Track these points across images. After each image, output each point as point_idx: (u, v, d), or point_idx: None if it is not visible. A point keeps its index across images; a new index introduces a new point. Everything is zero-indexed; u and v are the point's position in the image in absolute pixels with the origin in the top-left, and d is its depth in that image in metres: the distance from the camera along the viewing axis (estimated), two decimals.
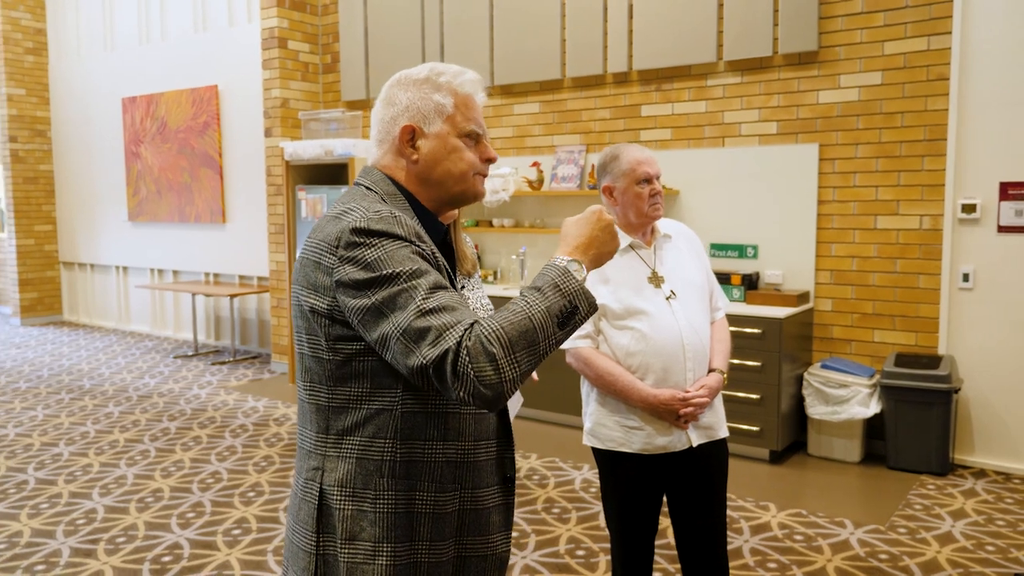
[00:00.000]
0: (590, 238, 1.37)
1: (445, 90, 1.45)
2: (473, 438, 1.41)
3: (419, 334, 1.20)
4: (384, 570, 1.33)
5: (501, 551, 1.46)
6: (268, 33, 6.85)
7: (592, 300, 1.29)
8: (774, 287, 4.98)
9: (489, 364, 1.17)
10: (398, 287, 1.24)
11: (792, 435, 4.71)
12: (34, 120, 9.73)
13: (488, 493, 1.44)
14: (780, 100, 4.94)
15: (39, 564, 3.35)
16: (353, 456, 1.35)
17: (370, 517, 1.34)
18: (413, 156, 1.44)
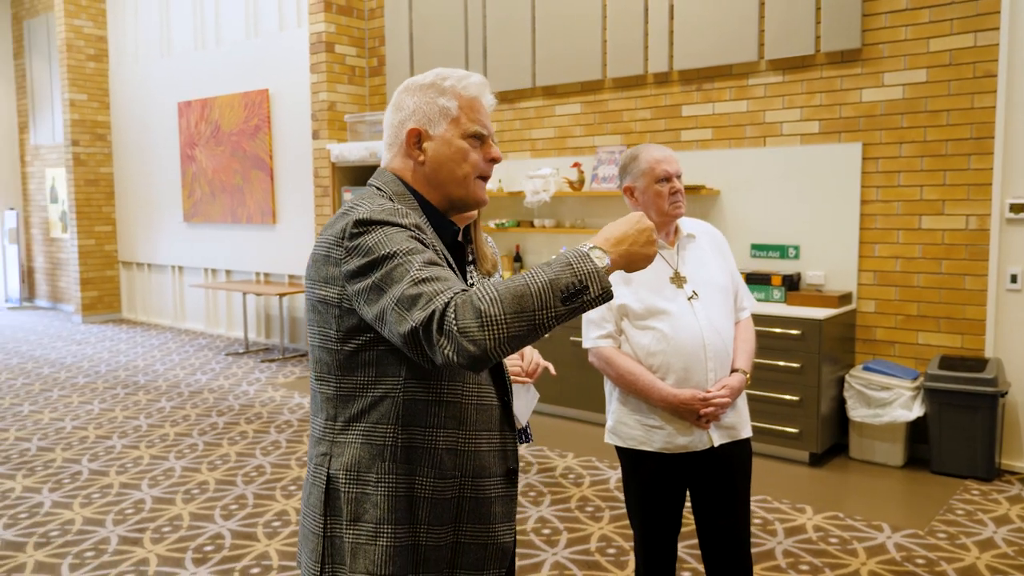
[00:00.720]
0: (624, 235, 1.36)
1: (450, 94, 1.51)
2: (474, 428, 1.46)
3: (412, 300, 1.25)
4: (385, 551, 1.39)
5: (503, 541, 1.49)
6: (316, 37, 7.01)
7: (607, 287, 1.28)
8: (816, 288, 4.92)
9: (475, 320, 1.20)
10: (394, 263, 1.30)
11: (833, 438, 4.65)
12: (95, 124, 10.09)
13: (490, 483, 1.48)
14: (822, 99, 4.87)
15: (88, 551, 3.50)
16: (358, 442, 1.41)
17: (373, 499, 1.40)
18: (420, 158, 1.50)
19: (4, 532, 3.70)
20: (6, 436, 5.23)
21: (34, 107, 11.22)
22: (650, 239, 1.38)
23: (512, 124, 6.36)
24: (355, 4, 7.16)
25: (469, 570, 1.46)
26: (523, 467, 4.53)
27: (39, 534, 3.67)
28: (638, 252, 1.37)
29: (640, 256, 1.38)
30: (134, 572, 3.29)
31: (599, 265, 1.28)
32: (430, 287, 1.25)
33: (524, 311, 1.22)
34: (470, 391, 1.46)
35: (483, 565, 1.47)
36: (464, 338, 1.20)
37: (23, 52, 11.36)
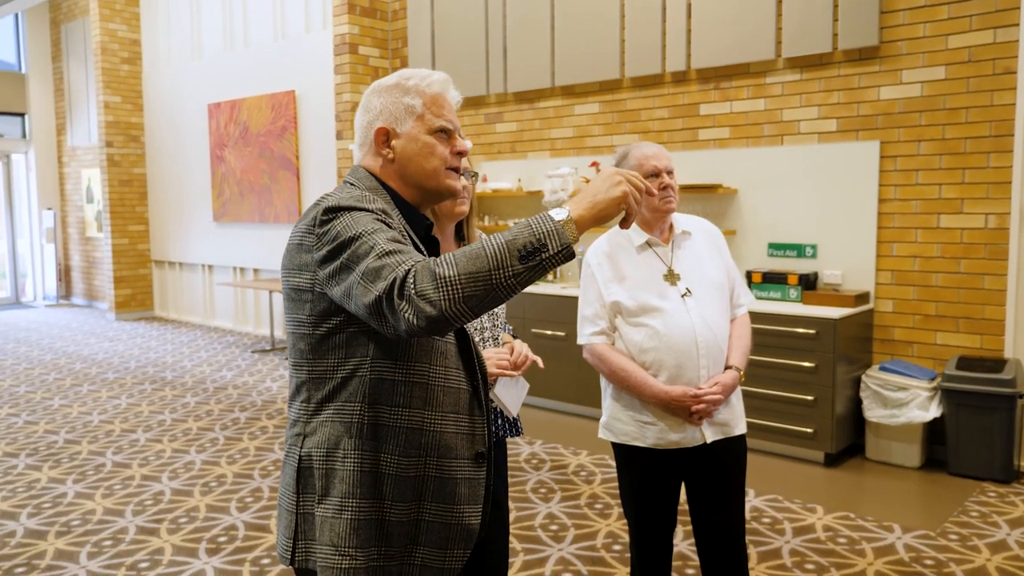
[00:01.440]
0: (588, 188, 1.38)
1: (414, 92, 1.57)
2: (441, 409, 1.50)
3: (376, 272, 1.31)
4: (349, 524, 1.44)
5: (468, 523, 1.53)
6: (340, 39, 7.10)
7: (567, 243, 1.29)
8: (833, 287, 4.88)
9: (431, 283, 1.25)
10: (360, 242, 1.35)
11: (849, 438, 4.61)
12: (129, 126, 10.31)
13: (456, 464, 1.52)
14: (840, 97, 4.84)
15: (107, 540, 3.60)
16: (330, 421, 1.47)
17: (340, 475, 1.46)
18: (389, 155, 1.57)
19: (28, 521, 3.81)
20: (36, 429, 5.38)
21: (71, 109, 11.50)
22: (615, 182, 1.37)
23: (532, 124, 6.39)
24: (378, 6, 7.24)
25: (432, 548, 1.49)
26: (535, 464, 4.56)
27: (61, 523, 3.78)
28: (603, 198, 1.36)
29: (605, 201, 1.36)
30: (148, 561, 3.38)
31: (556, 219, 1.30)
32: (393, 259, 1.31)
33: (480, 271, 1.26)
34: (437, 372, 1.50)
35: (446, 544, 1.50)
36: (422, 300, 1.25)
37: (61, 55, 11.65)
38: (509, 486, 4.18)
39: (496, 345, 2.25)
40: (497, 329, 2.27)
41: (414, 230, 1.56)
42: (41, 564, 3.36)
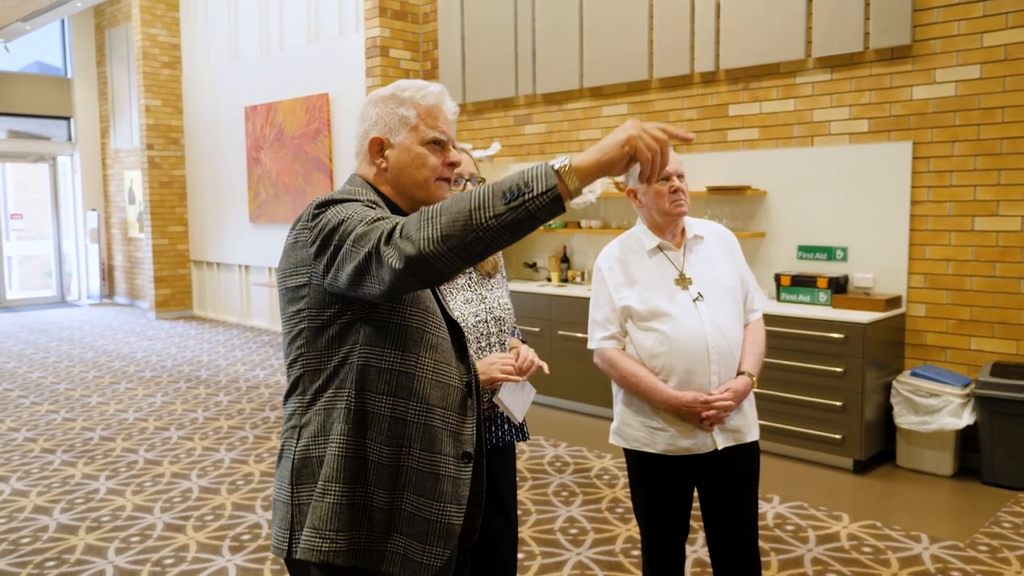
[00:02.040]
0: (597, 144, 1.33)
1: (408, 104, 1.60)
2: (428, 402, 1.52)
3: (364, 236, 1.35)
4: (330, 508, 1.47)
5: (449, 522, 1.53)
6: (371, 42, 7.16)
7: (553, 185, 1.25)
8: (864, 291, 4.79)
9: (415, 225, 1.28)
10: (349, 221, 1.40)
11: (878, 445, 4.53)
12: (168, 129, 10.52)
13: (440, 460, 1.53)
14: (872, 97, 4.75)
15: (135, 536, 3.68)
16: (323, 409, 1.51)
17: (327, 460, 1.48)
18: (383, 164, 1.61)
19: (61, 516, 3.91)
20: (73, 426, 5.52)
21: (114, 112, 11.77)
22: (620, 141, 1.30)
23: (560, 125, 6.38)
24: (409, 9, 7.29)
25: (412, 539, 1.50)
26: (559, 467, 4.55)
27: (91, 519, 3.88)
28: (608, 143, 1.31)
29: (610, 145, 1.30)
30: (174, 558, 3.45)
31: (552, 165, 1.27)
32: (381, 223, 1.35)
33: (461, 211, 1.26)
34: (425, 365, 1.52)
35: (426, 539, 1.51)
36: (405, 240, 1.28)
37: (105, 60, 11.93)
38: (530, 489, 4.18)
39: (503, 350, 2.26)
40: (504, 334, 2.27)
41: None
42: (71, 559, 3.45)
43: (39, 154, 12.24)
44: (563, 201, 1.27)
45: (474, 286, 2.23)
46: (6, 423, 5.61)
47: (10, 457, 4.84)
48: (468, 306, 2.19)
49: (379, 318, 1.49)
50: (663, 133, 1.34)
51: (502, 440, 2.27)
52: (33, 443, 5.12)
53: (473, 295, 2.22)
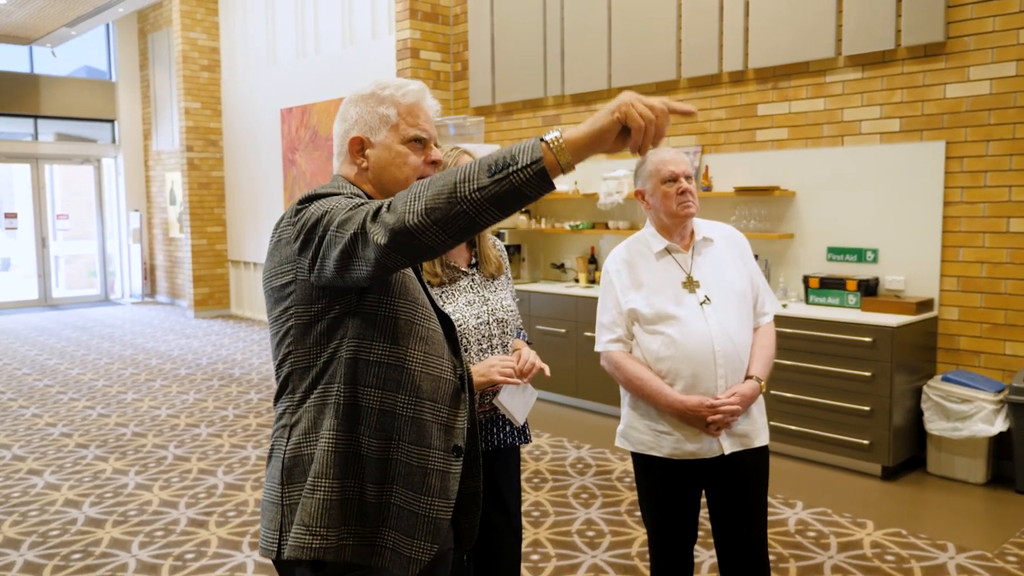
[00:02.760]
0: (589, 119, 1.29)
1: (388, 102, 1.59)
2: (417, 395, 1.51)
3: (348, 220, 1.36)
4: (320, 504, 1.46)
5: (437, 517, 1.52)
6: (402, 44, 7.21)
7: (538, 157, 1.22)
8: (895, 293, 4.69)
9: (401, 199, 1.29)
10: (332, 212, 1.41)
11: (908, 451, 4.43)
12: (208, 131, 10.71)
13: (429, 454, 1.52)
14: (903, 95, 4.65)
15: (159, 530, 3.75)
16: (313, 406, 1.50)
17: (316, 456, 1.48)
18: (363, 164, 1.61)
19: (89, 509, 4.01)
20: (107, 421, 5.65)
21: (156, 115, 12.02)
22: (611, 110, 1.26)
23: None
24: (440, 11, 7.33)
25: (399, 532, 1.50)
26: (580, 469, 4.53)
27: (119, 513, 3.96)
28: (600, 115, 1.27)
29: (602, 118, 1.26)
30: (195, 552, 3.51)
31: (542, 138, 1.24)
32: (365, 206, 1.35)
33: (446, 183, 1.25)
34: (415, 357, 1.52)
35: (413, 533, 1.50)
36: (390, 214, 1.28)
37: (148, 64, 12.19)
38: (550, 491, 4.18)
39: (505, 352, 2.25)
40: (507, 336, 2.27)
41: None
42: (96, 551, 3.53)
43: (84, 156, 12.55)
44: (549, 175, 1.23)
45: (477, 288, 2.24)
46: (44, 418, 5.76)
47: (46, 451, 4.97)
48: (470, 308, 2.19)
49: (367, 311, 1.48)
50: (663, 105, 1.28)
51: (504, 443, 2.27)
52: (68, 438, 5.25)
53: (476, 297, 2.22)
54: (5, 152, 11.95)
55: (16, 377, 7.16)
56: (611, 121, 1.25)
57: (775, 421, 4.68)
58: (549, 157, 1.23)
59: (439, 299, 2.16)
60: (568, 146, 1.24)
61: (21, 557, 3.48)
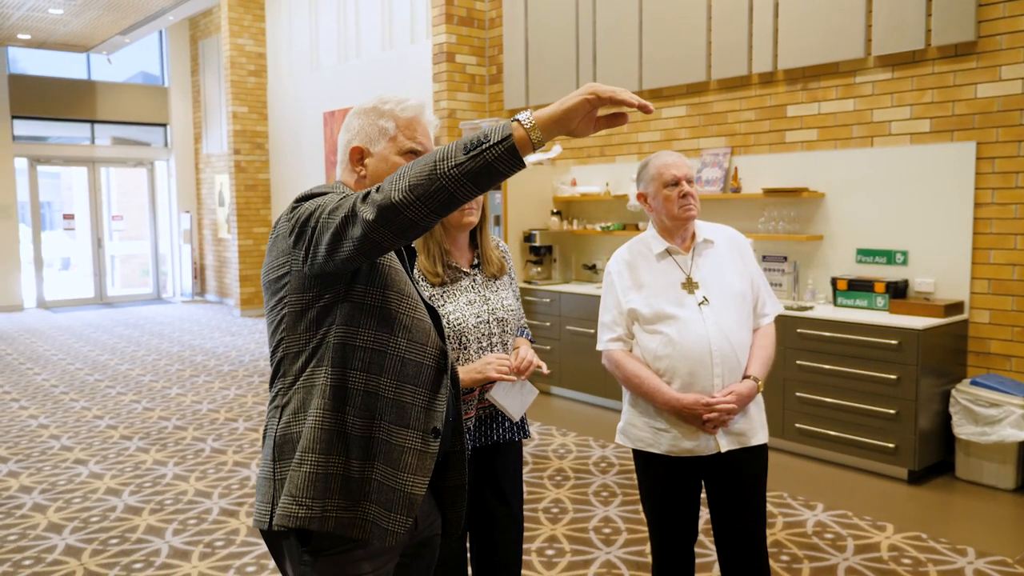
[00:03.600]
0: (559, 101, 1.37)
1: (388, 116, 1.69)
2: (399, 378, 1.60)
3: (341, 205, 1.45)
4: (307, 477, 1.56)
5: (412, 491, 1.60)
6: (438, 48, 7.34)
7: (508, 135, 1.32)
8: (924, 296, 4.64)
9: (388, 180, 1.39)
10: (323, 205, 1.51)
11: (935, 455, 4.38)
12: (254, 134, 11.00)
13: (407, 434, 1.61)
14: (934, 96, 4.60)
15: (192, 519, 3.91)
16: (302, 387, 1.60)
17: (304, 432, 1.58)
18: (362, 172, 1.71)
19: (129, 498, 4.20)
20: (151, 415, 5.88)
21: (206, 119, 12.38)
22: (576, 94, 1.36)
23: (619, 128, 6.38)
24: (476, 15, 7.43)
25: (379, 506, 1.58)
26: (603, 468, 4.58)
27: (155, 501, 4.14)
28: (568, 101, 1.35)
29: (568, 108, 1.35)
30: (224, 540, 3.65)
31: (515, 118, 1.35)
32: (355, 194, 1.45)
33: (427, 163, 1.36)
34: (398, 344, 1.61)
35: (391, 506, 1.59)
36: (378, 194, 1.38)
37: (198, 70, 12.55)
38: (571, 488, 4.24)
39: (505, 350, 2.33)
40: (508, 335, 2.34)
41: None
42: (132, 537, 3.70)
43: (138, 159, 12.98)
44: (519, 151, 1.33)
45: (478, 287, 2.31)
46: (92, 411, 6.01)
47: (92, 442, 5.20)
48: (471, 307, 2.27)
49: (355, 299, 1.58)
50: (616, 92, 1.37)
51: (503, 437, 2.34)
52: (114, 430, 5.48)
53: (476, 296, 2.30)
54: (64, 156, 12.42)
55: (69, 372, 7.46)
56: (580, 101, 1.35)
57: (800, 423, 4.67)
58: (520, 133, 1.33)
59: (440, 298, 2.25)
60: (539, 123, 1.35)
61: (63, 541, 3.67)
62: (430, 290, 2.24)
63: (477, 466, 2.32)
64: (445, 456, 1.79)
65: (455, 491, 1.80)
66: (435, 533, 1.80)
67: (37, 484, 4.42)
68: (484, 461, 2.33)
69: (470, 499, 2.34)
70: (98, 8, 9.43)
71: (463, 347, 2.23)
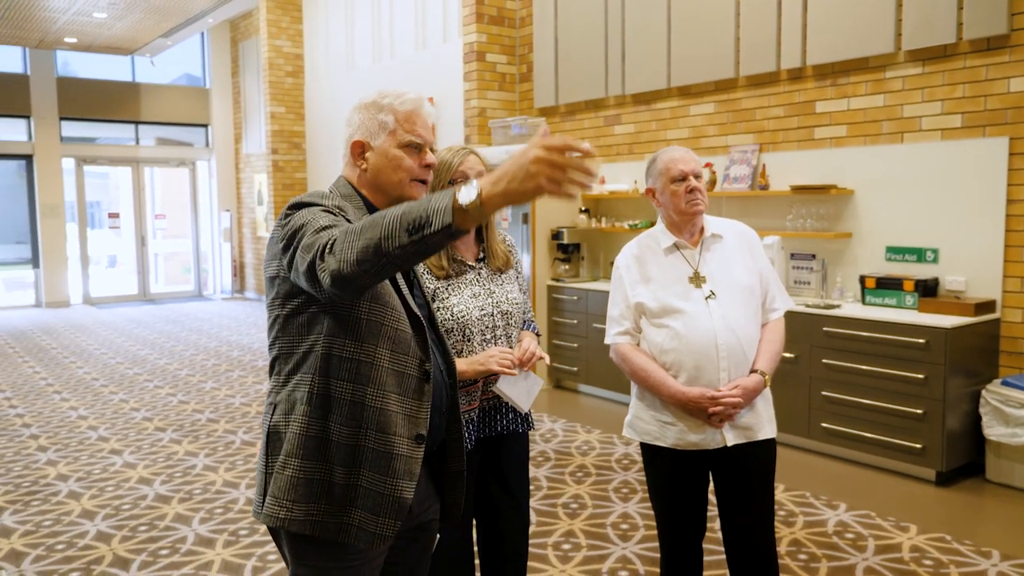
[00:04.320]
0: (504, 172, 1.32)
1: (387, 110, 1.73)
2: (384, 388, 1.64)
3: (310, 246, 1.49)
4: (288, 480, 1.61)
5: (401, 496, 1.64)
6: (468, 48, 7.39)
7: (448, 223, 1.31)
8: (955, 294, 4.56)
9: (338, 245, 1.41)
10: (305, 228, 1.54)
11: (965, 456, 4.31)
12: (292, 134, 11.17)
13: (395, 441, 1.64)
14: (965, 90, 4.52)
15: (219, 508, 4.01)
16: (291, 391, 1.66)
17: (288, 436, 1.63)
18: (363, 165, 1.75)
19: (160, 487, 4.31)
20: (186, 408, 6.02)
21: (246, 120, 12.60)
22: (529, 174, 1.29)
23: (648, 125, 6.38)
24: (506, 14, 7.47)
25: (366, 512, 1.62)
26: (626, 464, 4.59)
27: (185, 491, 4.25)
28: (516, 189, 1.31)
29: (519, 192, 1.31)
30: (248, 529, 3.74)
31: (461, 202, 1.31)
32: (325, 232, 1.48)
33: (372, 239, 1.38)
34: (382, 355, 1.64)
35: (379, 511, 1.63)
36: (331, 258, 1.41)
37: (239, 71, 12.79)
38: (592, 484, 4.25)
39: (509, 343, 2.35)
40: (512, 328, 2.37)
41: None
42: (161, 525, 3.81)
43: (181, 159, 13.27)
44: (460, 230, 1.34)
45: (483, 281, 2.34)
46: (130, 403, 6.18)
47: (127, 433, 5.34)
48: (475, 300, 2.30)
49: (340, 312, 1.62)
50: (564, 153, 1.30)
51: (507, 428, 2.37)
52: (149, 422, 5.63)
53: (481, 289, 2.33)
54: (109, 156, 12.75)
55: (110, 366, 7.67)
56: (530, 187, 1.30)
57: (826, 423, 4.62)
58: (460, 217, 1.32)
59: (445, 291, 2.28)
60: (485, 204, 1.32)
61: (95, 527, 3.79)
62: (435, 283, 2.27)
63: (482, 457, 2.35)
64: (443, 444, 1.83)
65: (454, 477, 1.83)
66: (432, 518, 1.84)
67: (73, 472, 4.57)
68: (489, 452, 2.37)
69: (476, 490, 2.38)
70: (140, 11, 9.67)
71: (467, 339, 2.27)
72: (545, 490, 4.19)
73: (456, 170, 2.29)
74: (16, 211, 12.27)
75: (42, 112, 11.90)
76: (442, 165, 2.28)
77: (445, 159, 2.30)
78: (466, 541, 2.42)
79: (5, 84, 11.69)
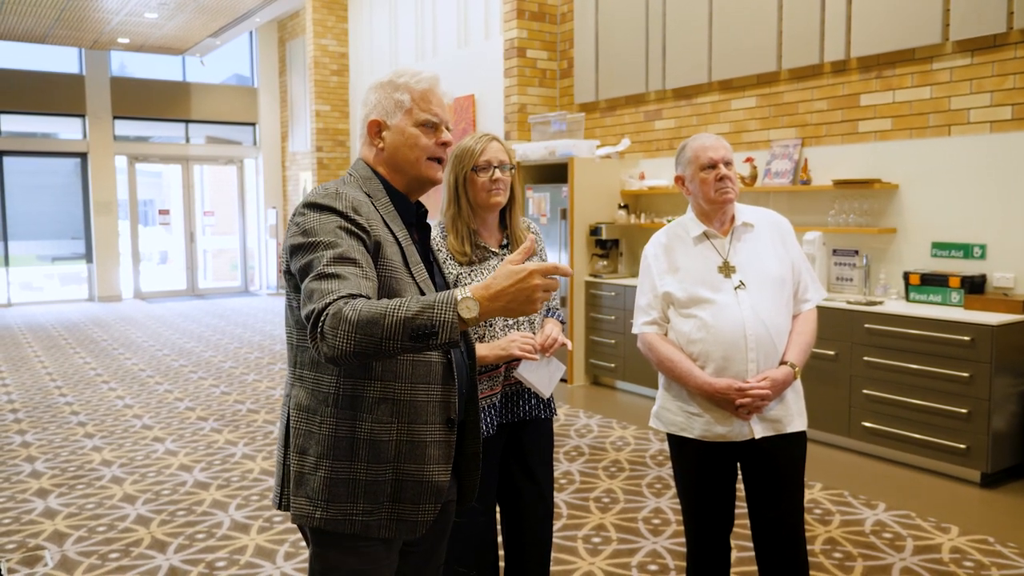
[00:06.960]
0: (503, 290, 1.42)
1: (403, 89, 1.73)
2: (410, 380, 1.63)
3: (309, 294, 1.48)
4: (323, 481, 1.61)
5: (437, 480, 1.65)
6: (509, 44, 7.39)
7: (455, 339, 1.40)
8: (1003, 291, 4.43)
9: (333, 329, 1.41)
10: (313, 254, 1.53)
11: (1012, 458, 4.18)
12: (336, 132, 11.31)
13: (428, 429, 1.65)
14: (1016, 81, 4.38)
15: (255, 495, 4.08)
16: (309, 386, 1.64)
17: (316, 437, 1.62)
18: (380, 145, 1.75)
19: (199, 474, 4.40)
20: (228, 399, 6.13)
21: (292, 118, 12.79)
22: (530, 298, 1.43)
23: (689, 120, 6.31)
24: (547, 10, 7.45)
25: (407, 504, 1.63)
26: (660, 460, 4.55)
27: (223, 478, 4.33)
28: (516, 309, 1.44)
29: (518, 312, 1.45)
30: (282, 516, 3.80)
31: (463, 316, 1.40)
32: (326, 285, 1.47)
33: (373, 335, 1.40)
34: None
35: (419, 500, 1.64)
36: (323, 341, 1.43)
37: (285, 70, 12.99)
38: (626, 479, 4.22)
39: (532, 330, 2.35)
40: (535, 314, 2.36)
41: (403, 216, 1.72)
42: (198, 510, 3.89)
43: (229, 157, 13.53)
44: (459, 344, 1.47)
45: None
46: (174, 393, 6.32)
47: (170, 422, 5.46)
48: None
49: None
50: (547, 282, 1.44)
51: (529, 414, 2.37)
52: (191, 411, 5.75)
53: None
54: (160, 154, 13.06)
55: (157, 358, 7.85)
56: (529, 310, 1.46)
57: (867, 421, 4.53)
58: (462, 326, 1.42)
59: (468, 277, 2.28)
60: (481, 316, 1.43)
61: (135, 511, 3.88)
62: (458, 269, 2.27)
63: (505, 442, 2.35)
64: (461, 425, 1.83)
65: (470, 459, 1.84)
66: (451, 499, 1.84)
67: (117, 459, 4.68)
68: (512, 438, 2.36)
69: (499, 476, 2.38)
70: (189, 11, 9.88)
71: (489, 324, 2.27)
72: (578, 484, 4.17)
73: (478, 157, 2.28)
74: (71, 208, 12.63)
75: (97, 111, 12.24)
76: (464, 152, 2.28)
77: (467, 146, 2.30)
78: (490, 526, 2.42)
79: (62, 84, 12.05)
